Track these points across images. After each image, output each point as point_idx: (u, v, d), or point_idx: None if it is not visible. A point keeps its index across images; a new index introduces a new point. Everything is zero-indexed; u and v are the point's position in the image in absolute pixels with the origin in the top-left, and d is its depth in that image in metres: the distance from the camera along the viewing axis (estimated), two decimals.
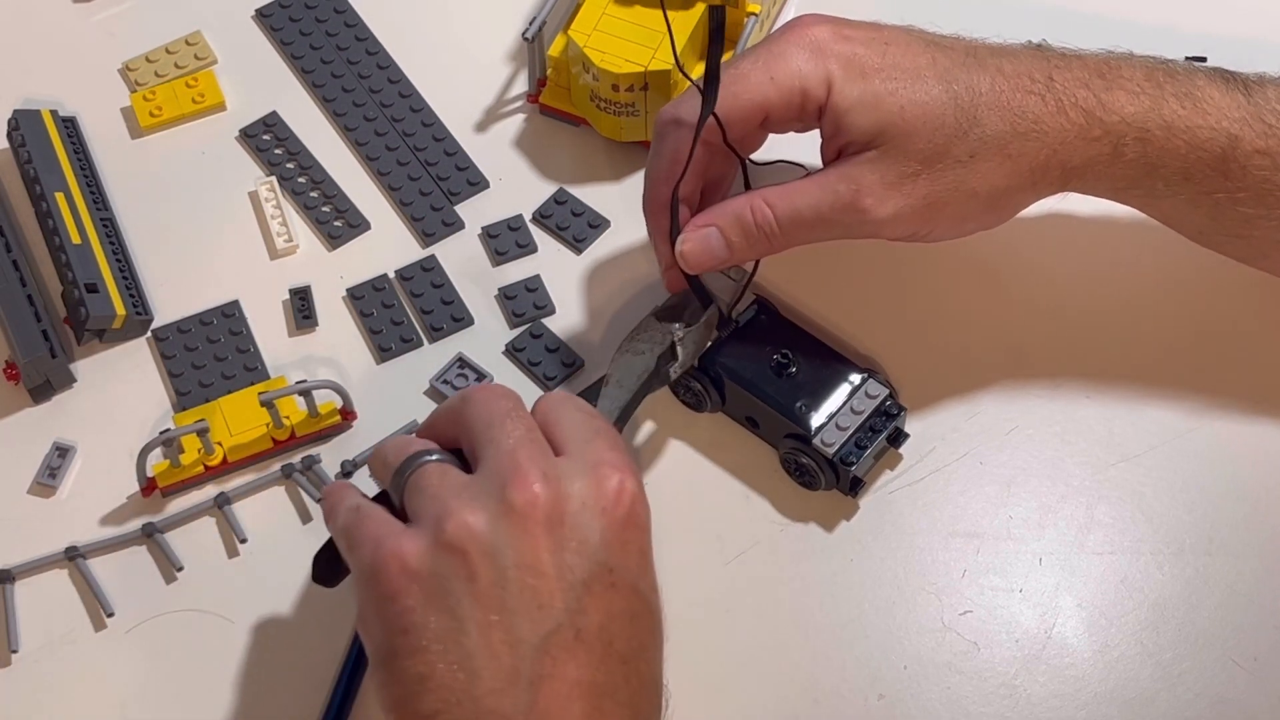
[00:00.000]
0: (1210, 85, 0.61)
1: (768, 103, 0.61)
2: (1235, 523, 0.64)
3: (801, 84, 0.60)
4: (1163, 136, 0.60)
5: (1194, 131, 0.60)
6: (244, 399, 0.68)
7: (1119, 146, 0.60)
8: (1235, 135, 0.60)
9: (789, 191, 0.61)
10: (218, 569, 0.65)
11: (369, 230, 0.74)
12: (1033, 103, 0.60)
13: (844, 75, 0.60)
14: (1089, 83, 0.61)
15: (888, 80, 0.60)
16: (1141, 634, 0.61)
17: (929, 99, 0.60)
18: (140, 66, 0.79)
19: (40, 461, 0.67)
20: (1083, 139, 0.60)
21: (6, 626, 0.63)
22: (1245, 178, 0.60)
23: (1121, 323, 0.68)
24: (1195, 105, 0.60)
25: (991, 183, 0.60)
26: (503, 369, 0.69)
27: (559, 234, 0.73)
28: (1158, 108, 0.60)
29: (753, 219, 0.61)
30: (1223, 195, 0.61)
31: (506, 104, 0.78)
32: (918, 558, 0.63)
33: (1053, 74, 0.61)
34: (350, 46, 0.80)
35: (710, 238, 0.62)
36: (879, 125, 0.60)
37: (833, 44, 0.61)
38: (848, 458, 0.62)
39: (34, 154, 0.74)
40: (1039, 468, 0.65)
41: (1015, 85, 0.61)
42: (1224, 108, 0.60)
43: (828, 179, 0.61)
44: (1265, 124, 0.60)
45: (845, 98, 0.60)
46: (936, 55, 0.61)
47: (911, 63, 0.61)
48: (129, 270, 0.72)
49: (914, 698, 0.60)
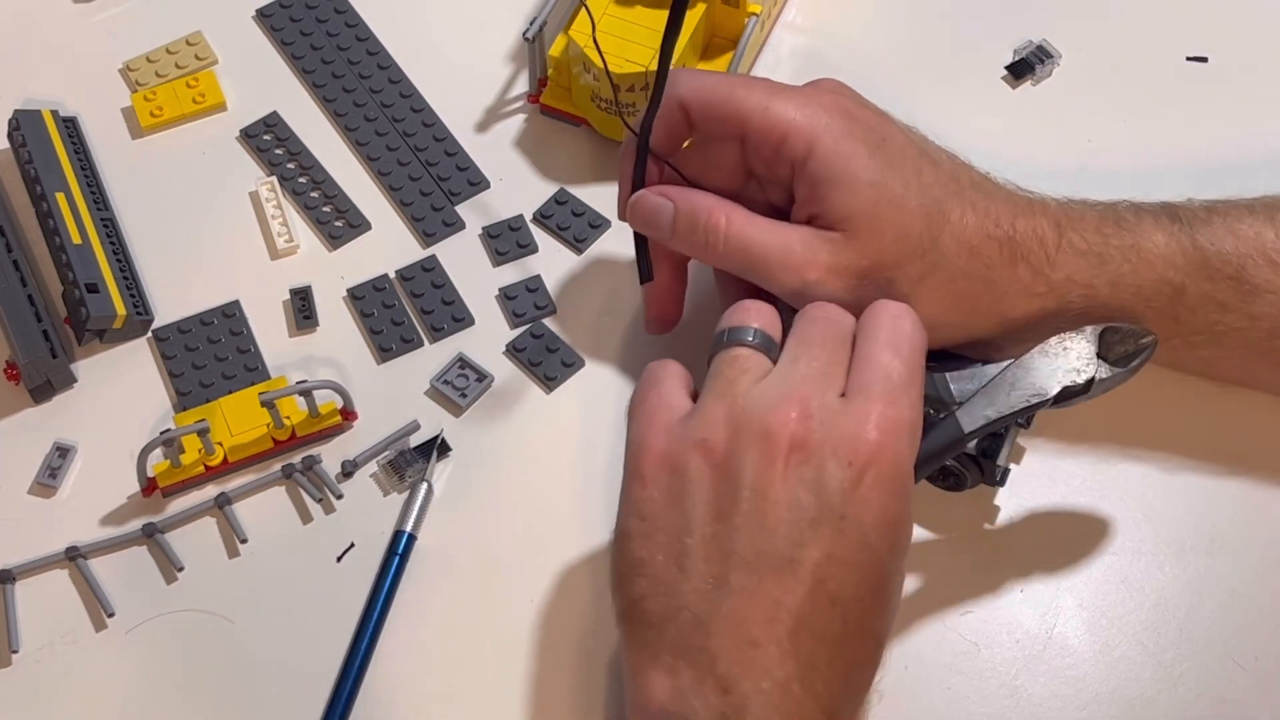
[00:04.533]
0: (1157, 230, 0.61)
1: (749, 122, 0.60)
2: (1236, 523, 0.64)
3: (786, 128, 0.59)
4: (1109, 293, 0.61)
5: (1140, 287, 0.60)
6: (244, 399, 0.68)
7: (1064, 303, 0.61)
8: (1180, 285, 0.60)
9: (754, 223, 0.60)
10: (218, 569, 0.65)
11: (370, 230, 0.74)
12: (991, 248, 0.60)
13: (829, 147, 0.59)
14: (1043, 237, 0.61)
15: (873, 169, 0.59)
16: (1142, 634, 0.61)
17: (904, 210, 0.59)
18: (141, 66, 0.79)
19: (41, 461, 0.67)
20: (1026, 295, 0.60)
21: (7, 626, 0.63)
22: (1194, 321, 0.61)
23: None
24: (1140, 259, 0.60)
25: (934, 311, 0.60)
26: (503, 369, 0.69)
27: (560, 234, 0.73)
28: (1103, 265, 0.60)
29: (703, 221, 0.61)
30: (1178, 340, 0.62)
31: (507, 104, 0.78)
32: (918, 557, 0.63)
33: (1016, 222, 0.61)
34: (351, 46, 0.80)
35: (663, 209, 0.62)
36: (851, 212, 0.59)
37: (833, 114, 0.60)
38: (990, 449, 0.61)
39: (35, 154, 0.74)
40: (1039, 467, 0.65)
41: (980, 226, 0.60)
42: (1168, 257, 0.60)
43: (789, 236, 0.60)
44: (1210, 269, 0.60)
45: (827, 169, 0.59)
46: (924, 167, 0.60)
47: (899, 168, 0.60)
48: (129, 270, 0.72)
49: (914, 698, 0.60)
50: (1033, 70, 0.77)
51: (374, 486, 0.67)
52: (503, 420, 0.68)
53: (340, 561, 0.65)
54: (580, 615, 0.63)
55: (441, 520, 0.66)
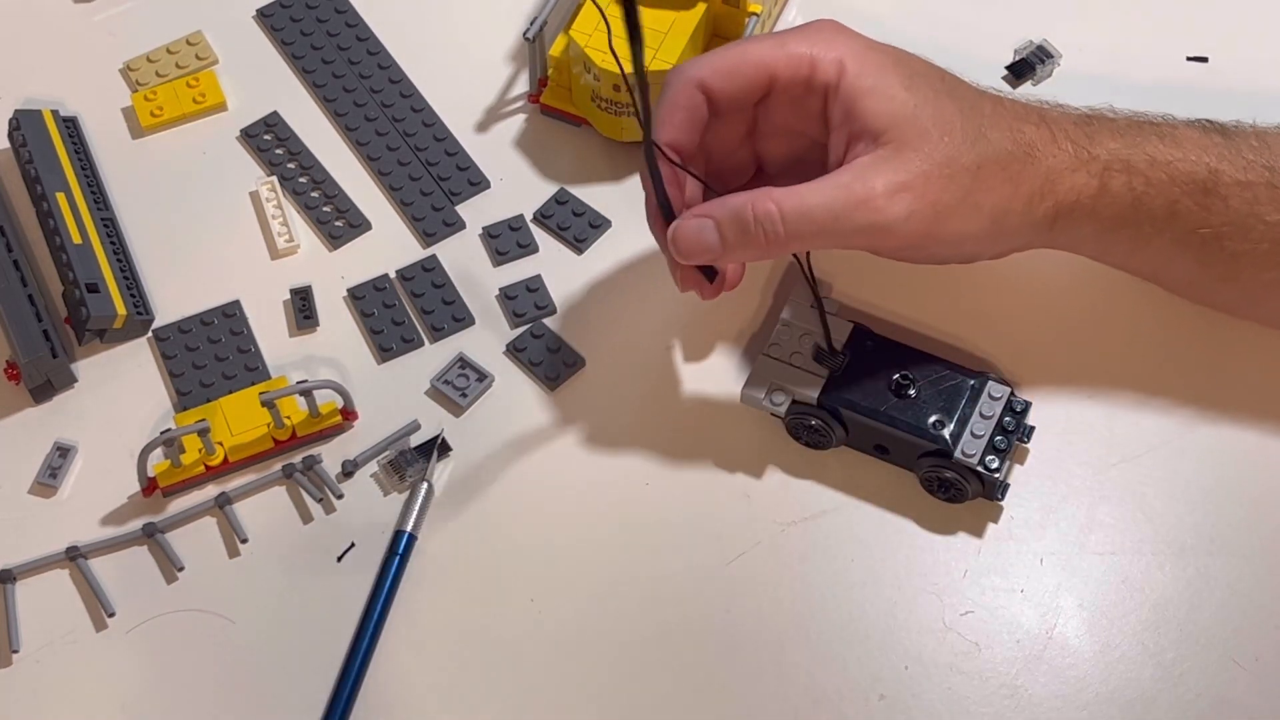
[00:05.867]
0: (1188, 128, 0.63)
1: (775, 65, 0.61)
2: (1236, 523, 0.64)
3: (812, 56, 0.61)
4: (1146, 167, 0.61)
5: (1175, 164, 0.61)
6: (245, 399, 0.68)
7: (1105, 178, 0.61)
8: (1215, 168, 0.61)
9: (798, 190, 0.59)
10: (218, 569, 0.65)
11: (370, 230, 0.74)
12: (1030, 129, 0.62)
13: (857, 64, 0.61)
14: (1077, 121, 0.63)
15: (901, 78, 0.60)
16: (1143, 634, 0.61)
17: (940, 104, 0.60)
18: (141, 66, 0.79)
19: (41, 461, 0.67)
20: (1071, 169, 0.61)
21: (7, 626, 0.63)
22: (1228, 210, 0.61)
23: (1123, 322, 0.68)
24: (1175, 142, 0.62)
25: (994, 199, 0.60)
26: (504, 369, 0.69)
27: (560, 234, 0.73)
28: (1140, 143, 0.62)
29: (751, 215, 0.59)
30: (1207, 231, 0.62)
31: (507, 104, 0.78)
32: (919, 558, 0.63)
33: (1045, 111, 0.63)
34: (351, 46, 0.80)
35: (704, 229, 0.60)
36: (893, 117, 0.60)
37: (848, 38, 0.62)
38: (990, 464, 0.62)
39: (35, 154, 0.74)
40: (1040, 468, 0.65)
41: (1014, 112, 0.62)
42: (1203, 145, 0.62)
43: (839, 177, 0.60)
44: (1244, 159, 0.61)
45: (861, 82, 0.60)
46: (944, 74, 0.62)
47: (924, 70, 0.62)
48: (130, 270, 0.72)
49: (915, 698, 0.60)
50: (1033, 70, 0.77)
51: (374, 486, 0.67)
52: (503, 420, 0.68)
53: (340, 561, 0.65)
54: (580, 615, 0.63)
55: (441, 520, 0.66)
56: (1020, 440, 0.63)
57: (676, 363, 0.69)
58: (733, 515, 0.65)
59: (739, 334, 0.69)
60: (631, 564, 0.64)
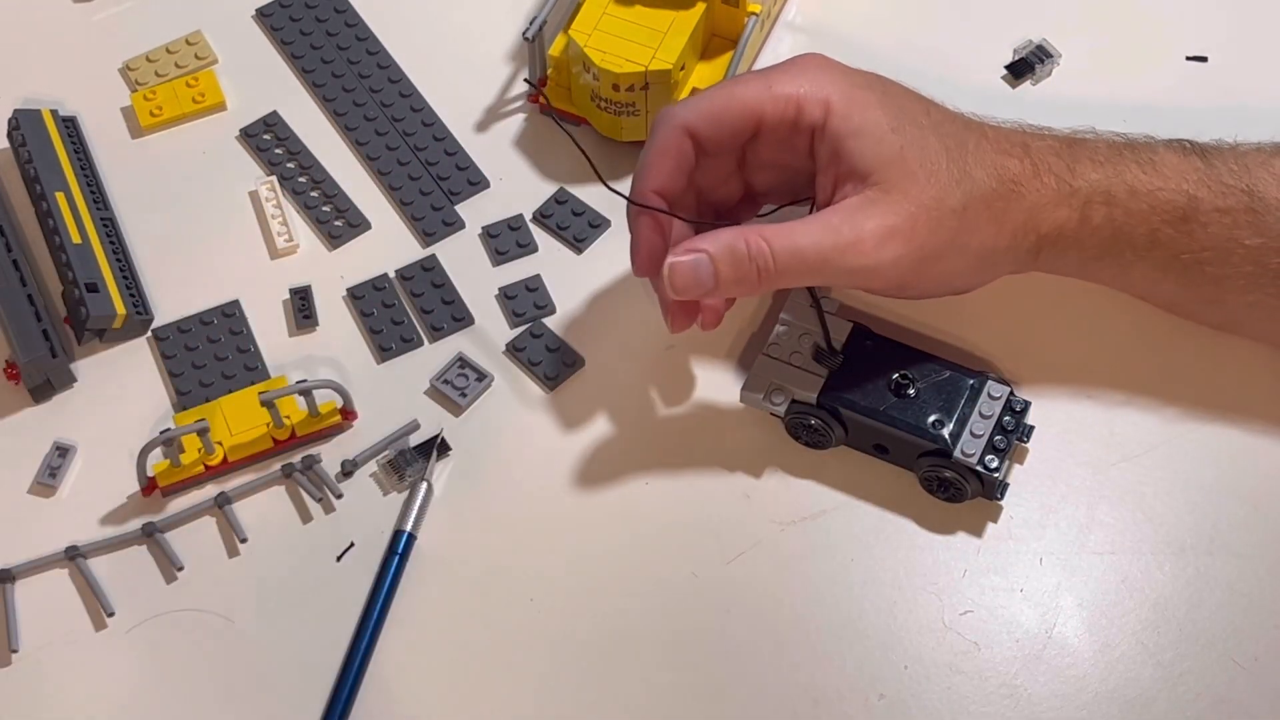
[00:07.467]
0: (1169, 152, 0.63)
1: (761, 108, 0.61)
2: (1236, 523, 0.64)
3: (798, 97, 0.61)
4: (1126, 198, 0.62)
5: (1155, 194, 0.62)
6: (244, 399, 0.68)
7: (1086, 210, 0.62)
8: (1194, 195, 0.62)
9: (788, 229, 0.60)
10: (218, 569, 0.65)
11: (369, 230, 0.74)
12: (1013, 164, 0.62)
13: (844, 104, 0.61)
14: (1059, 151, 0.63)
15: (888, 117, 0.60)
16: (1142, 634, 0.61)
17: (926, 143, 0.60)
18: (141, 66, 0.79)
19: (41, 461, 0.67)
20: (1054, 204, 0.62)
21: (6, 626, 0.63)
22: (1207, 236, 0.62)
23: (1123, 322, 0.68)
24: (1155, 170, 0.62)
25: (980, 239, 0.61)
26: (503, 368, 0.69)
27: (559, 234, 0.73)
28: (1120, 172, 0.62)
29: (746, 250, 0.59)
30: (1189, 256, 0.62)
31: (507, 104, 0.78)
32: (918, 557, 0.63)
33: (1028, 141, 0.63)
34: (351, 46, 0.80)
35: (699, 264, 0.60)
36: (879, 159, 0.60)
37: (833, 76, 0.62)
38: (990, 464, 0.62)
39: (34, 154, 0.74)
40: (1040, 467, 0.65)
41: (997, 145, 0.62)
42: (1182, 171, 0.62)
43: (829, 219, 0.60)
44: (1223, 184, 0.62)
45: (847, 124, 0.60)
46: (929, 108, 0.63)
47: (909, 111, 0.61)
48: (129, 270, 0.72)
49: (915, 698, 0.60)
50: (1033, 70, 0.77)
51: (374, 486, 0.67)
52: (503, 420, 0.68)
53: (340, 561, 0.65)
54: (580, 615, 0.63)
55: (441, 520, 0.66)
56: (1020, 440, 0.63)
57: (676, 362, 0.69)
58: (732, 515, 0.65)
59: (738, 334, 0.69)
60: (631, 564, 0.64)
